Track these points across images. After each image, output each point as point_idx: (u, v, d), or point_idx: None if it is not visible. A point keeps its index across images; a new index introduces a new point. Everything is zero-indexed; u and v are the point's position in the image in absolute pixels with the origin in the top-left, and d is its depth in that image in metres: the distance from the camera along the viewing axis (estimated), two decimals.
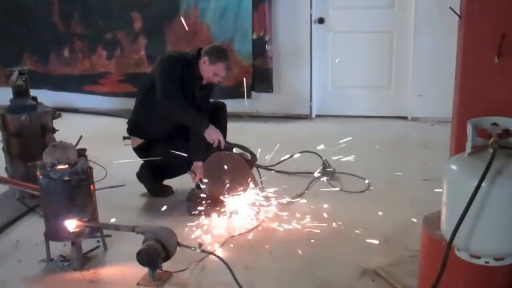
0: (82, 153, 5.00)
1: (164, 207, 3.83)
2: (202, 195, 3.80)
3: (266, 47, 5.92)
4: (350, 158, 4.62)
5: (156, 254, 2.88)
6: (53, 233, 3.11)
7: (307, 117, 6.27)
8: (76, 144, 3.27)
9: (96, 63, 6.49)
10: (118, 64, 6.42)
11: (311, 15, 5.93)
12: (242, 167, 3.74)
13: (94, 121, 6.34)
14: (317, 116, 6.29)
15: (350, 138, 4.82)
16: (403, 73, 5.99)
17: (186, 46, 6.11)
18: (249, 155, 3.84)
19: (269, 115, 6.28)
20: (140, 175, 4.16)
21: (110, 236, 3.34)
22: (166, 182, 4.19)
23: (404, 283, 2.86)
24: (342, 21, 6.00)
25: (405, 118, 6.11)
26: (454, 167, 2.04)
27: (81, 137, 3.43)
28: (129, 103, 6.48)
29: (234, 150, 3.85)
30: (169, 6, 6.10)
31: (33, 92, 4.28)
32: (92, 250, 3.29)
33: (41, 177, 3.05)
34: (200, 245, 3.02)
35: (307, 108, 6.23)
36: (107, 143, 5.16)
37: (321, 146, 4.70)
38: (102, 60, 6.45)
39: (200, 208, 3.74)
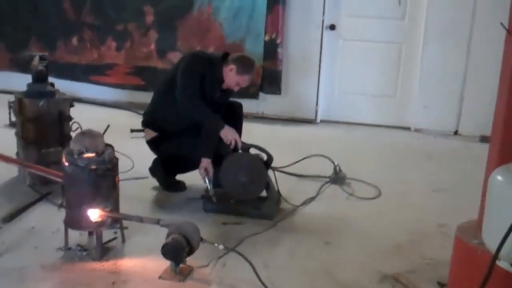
0: None
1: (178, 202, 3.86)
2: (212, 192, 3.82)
3: (278, 49, 5.95)
4: (358, 164, 4.70)
5: (181, 248, 2.89)
6: (74, 222, 3.09)
7: (311, 121, 6.32)
8: (103, 133, 3.26)
9: (105, 54, 6.48)
10: (127, 56, 6.42)
11: (323, 21, 5.99)
12: (260, 168, 3.76)
13: (99, 112, 6.31)
14: (322, 121, 6.34)
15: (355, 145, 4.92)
16: (409, 84, 6.07)
17: (197, 43, 6.16)
18: (265, 156, 3.87)
19: (274, 117, 6.31)
20: (153, 169, 4.16)
21: (126, 228, 3.34)
22: (179, 177, 4.20)
23: None
24: (353, 29, 6.07)
25: (408, 129, 6.19)
26: (500, 178, 2.07)
27: (108, 126, 3.43)
28: (136, 96, 6.58)
29: (251, 150, 3.88)
30: (183, 2, 6.13)
31: None
32: (110, 241, 3.28)
33: (67, 164, 3.04)
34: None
35: (313, 113, 6.29)
36: (113, 135, 5.09)
37: (328, 151, 4.76)
38: (111, 51, 6.44)
39: (215, 205, 3.77)
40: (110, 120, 5.67)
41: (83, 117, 4.28)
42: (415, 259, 3.27)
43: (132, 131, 5.45)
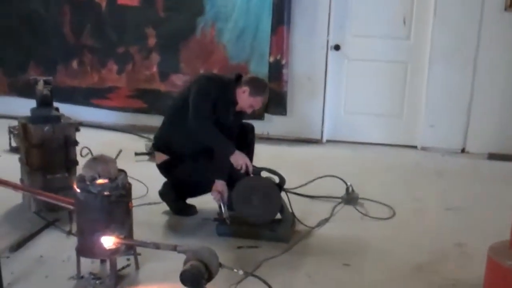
0: None
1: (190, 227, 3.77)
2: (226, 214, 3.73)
3: (283, 70, 5.90)
4: (368, 184, 4.62)
5: (200, 275, 2.78)
6: (87, 249, 2.99)
7: (317, 141, 6.25)
8: (115, 158, 3.17)
9: (106, 77, 6.39)
10: (129, 79, 6.34)
11: (327, 41, 5.95)
12: (273, 191, 3.68)
13: (101, 135, 6.19)
14: (328, 141, 6.27)
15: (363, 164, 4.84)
16: (415, 103, 6.02)
17: (201, 66, 6.10)
18: (277, 178, 3.79)
19: (279, 138, 6.23)
20: (163, 193, 4.07)
21: (140, 254, 3.24)
22: (189, 200, 4.11)
23: None
24: (358, 49, 6.02)
25: (414, 147, 6.12)
26: None
27: (120, 151, 3.34)
28: (138, 119, 6.50)
29: (262, 173, 3.80)
30: (186, 24, 6.06)
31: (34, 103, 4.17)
32: (123, 268, 3.18)
33: (79, 190, 2.95)
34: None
35: (318, 133, 6.22)
36: (118, 159, 5.05)
37: (336, 170, 4.69)
38: (112, 74, 6.36)
39: (229, 228, 3.68)
40: (113, 144, 5.64)
41: (85, 142, 4.21)
42: (438, 280, 3.19)
43: (136, 154, 5.37)
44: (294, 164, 5.31)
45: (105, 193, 2.91)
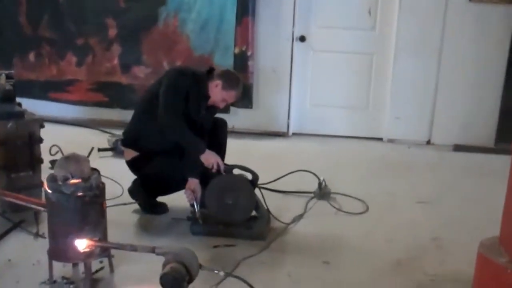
0: None
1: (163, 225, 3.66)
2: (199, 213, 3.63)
3: (248, 62, 5.80)
4: (338, 178, 4.60)
5: (181, 277, 2.68)
6: (59, 253, 2.85)
7: (283, 134, 6.19)
8: (88, 156, 3.03)
9: (65, 69, 6.15)
10: (89, 71, 6.12)
11: (293, 32, 5.88)
12: (247, 189, 3.60)
13: (61, 131, 5.94)
14: (294, 134, 6.22)
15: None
16: (381, 95, 6.02)
17: (164, 57, 5.95)
18: (250, 175, 3.71)
19: (245, 131, 6.14)
20: (133, 191, 3.92)
21: (113, 256, 3.11)
22: (159, 198, 3.98)
23: None
24: (323, 40, 5.98)
25: (380, 139, 6.14)
26: None
27: (92, 149, 3.19)
28: (98, 113, 6.30)
29: (234, 171, 3.71)
30: (147, 14, 5.88)
31: None
32: (97, 271, 3.06)
33: (50, 191, 2.80)
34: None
35: (284, 126, 6.16)
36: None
37: (304, 164, 4.66)
38: (71, 66, 6.12)
39: (203, 227, 3.58)
40: (73, 139, 5.45)
41: (45, 138, 4.01)
42: (418, 276, 3.17)
43: (100, 150, 5.18)
44: (261, 158, 5.23)
45: (79, 193, 2.77)
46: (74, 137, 5.68)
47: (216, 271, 2.83)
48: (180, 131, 3.61)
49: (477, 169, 5.30)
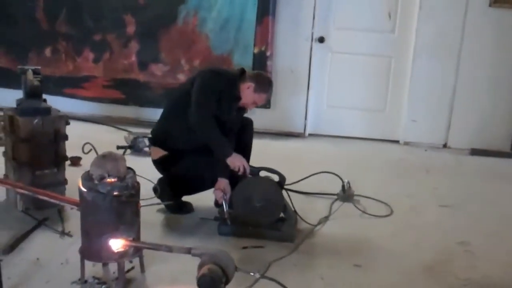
0: (77, 161, 4.76)
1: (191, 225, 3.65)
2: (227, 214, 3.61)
3: (267, 62, 5.78)
4: (359, 179, 4.58)
5: (218, 279, 2.66)
6: (93, 252, 2.81)
7: (300, 135, 6.18)
8: (123, 155, 3.00)
9: (81, 65, 6.13)
10: (106, 68, 6.10)
11: (312, 33, 5.87)
12: (275, 191, 3.58)
13: (76, 127, 5.88)
14: (310, 134, 6.21)
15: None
16: (398, 97, 6.03)
17: (182, 55, 5.93)
18: (277, 177, 3.68)
19: (262, 131, 6.10)
20: (159, 190, 3.89)
21: (143, 256, 3.09)
22: (184, 198, 3.96)
23: None
24: (342, 42, 5.98)
25: (396, 142, 6.13)
26: None
27: (127, 147, 3.16)
28: (114, 110, 6.27)
29: (261, 173, 3.69)
30: (167, 12, 5.87)
31: (8, 92, 3.93)
32: (128, 271, 3.02)
33: (85, 190, 2.77)
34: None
35: (301, 126, 6.15)
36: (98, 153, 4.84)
37: (323, 165, 4.65)
38: (88, 63, 6.10)
39: (231, 227, 3.56)
40: (90, 136, 5.40)
41: None
42: (451, 280, 3.15)
43: (118, 148, 5.15)
44: (279, 158, 5.20)
45: (115, 193, 2.74)
46: (89, 134, 5.62)
47: (252, 273, 2.82)
48: (210, 131, 3.59)
49: (495, 173, 5.31)
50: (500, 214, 4.23)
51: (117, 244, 2.77)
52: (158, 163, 3.82)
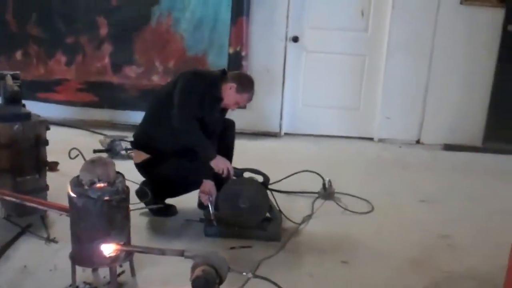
0: (54, 166, 4.69)
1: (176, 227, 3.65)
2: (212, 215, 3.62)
3: (242, 62, 5.79)
4: (337, 177, 4.63)
5: (213, 280, 2.68)
6: (84, 258, 2.79)
7: (276, 134, 6.21)
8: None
9: (54, 69, 6.03)
10: (79, 71, 6.02)
11: (286, 33, 5.90)
12: (261, 192, 3.61)
13: (50, 132, 5.85)
14: (286, 134, 6.25)
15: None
16: (372, 95, 6.11)
17: (157, 57, 5.89)
18: (261, 178, 3.71)
19: (237, 131, 6.07)
20: (142, 193, 3.87)
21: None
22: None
23: None
24: (316, 41, 6.02)
25: (371, 139, 6.22)
26: None
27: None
28: (88, 113, 6.19)
29: (244, 174, 3.71)
30: (140, 13, 5.83)
31: None
32: (119, 275, 3.01)
33: (75, 196, 2.75)
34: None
35: (277, 126, 6.19)
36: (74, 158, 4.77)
37: (301, 164, 4.69)
38: (60, 66, 6.01)
39: (217, 228, 3.57)
40: (64, 140, 5.30)
41: None
42: (435, 273, 3.23)
43: (95, 151, 5.10)
44: (256, 158, 5.20)
45: (106, 198, 2.73)
46: (63, 138, 5.52)
47: (244, 273, 2.84)
48: (193, 134, 3.58)
49: (468, 168, 5.44)
50: (479, 208, 4.34)
51: (109, 248, 2.77)
52: (141, 167, 3.80)
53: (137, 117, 6.09)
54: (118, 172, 2.88)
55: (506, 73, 5.68)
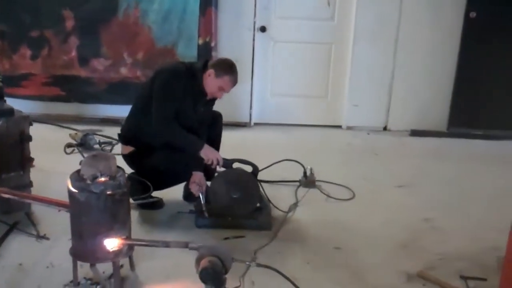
0: (30, 162, 4.58)
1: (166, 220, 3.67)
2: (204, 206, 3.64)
3: (212, 53, 5.77)
4: (313, 165, 4.70)
5: (220, 270, 2.71)
6: (87, 253, 2.76)
7: (246, 124, 6.23)
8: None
9: (18, 63, 5.84)
10: (45, 65, 5.85)
11: (254, 23, 5.92)
12: (252, 182, 3.65)
13: None
14: (256, 124, 6.28)
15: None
16: (339, 83, 6.19)
17: (125, 49, 5.81)
18: (250, 168, 3.75)
19: None
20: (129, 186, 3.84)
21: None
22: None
23: (454, 285, 2.98)
24: (283, 30, 6.05)
25: (339, 127, 6.32)
26: None
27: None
28: (54, 108, 6.05)
29: (234, 165, 3.74)
30: (107, 5, 5.70)
31: None
32: None
33: (76, 191, 2.72)
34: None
35: (247, 116, 6.21)
36: (45, 151, 4.63)
37: (275, 154, 4.76)
38: (25, 60, 5.82)
39: (209, 220, 3.59)
40: (34, 136, 5.20)
41: None
42: (426, 256, 3.35)
43: (69, 146, 5.01)
44: (227, 149, 5.20)
45: (108, 192, 2.71)
46: (31, 133, 5.44)
47: (247, 263, 2.90)
48: (174, 136, 3.58)
49: (435, 153, 5.61)
50: (454, 191, 4.50)
51: (112, 243, 2.75)
52: (128, 158, 3.76)
53: (105, 110, 6.06)
54: (118, 167, 2.87)
55: (469, 59, 5.86)
